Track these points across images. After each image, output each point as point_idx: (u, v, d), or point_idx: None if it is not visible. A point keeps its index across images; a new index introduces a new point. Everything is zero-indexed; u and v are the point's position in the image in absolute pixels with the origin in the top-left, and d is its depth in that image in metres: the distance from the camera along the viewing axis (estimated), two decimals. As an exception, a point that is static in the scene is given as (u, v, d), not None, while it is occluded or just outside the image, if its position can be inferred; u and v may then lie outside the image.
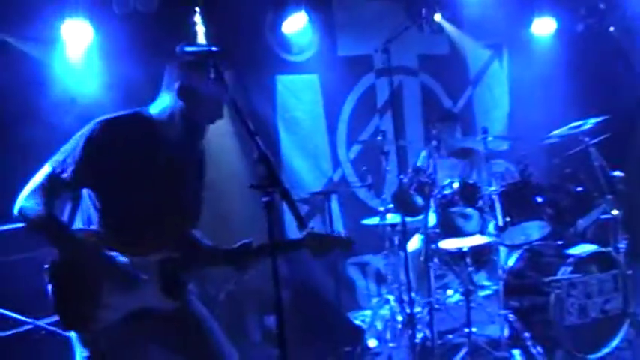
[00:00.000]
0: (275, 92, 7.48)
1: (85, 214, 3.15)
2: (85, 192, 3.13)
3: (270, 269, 2.73)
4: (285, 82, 7.54)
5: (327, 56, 7.67)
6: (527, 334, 5.48)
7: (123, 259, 3.04)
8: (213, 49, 2.93)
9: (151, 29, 6.24)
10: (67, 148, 3.05)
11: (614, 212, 5.74)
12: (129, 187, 3.08)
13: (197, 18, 6.54)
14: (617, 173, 5.82)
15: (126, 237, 3.09)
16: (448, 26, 7.99)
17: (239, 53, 6.49)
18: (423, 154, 6.77)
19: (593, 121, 5.92)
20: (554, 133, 6.27)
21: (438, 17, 7.70)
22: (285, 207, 2.75)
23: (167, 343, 3.37)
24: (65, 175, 2.99)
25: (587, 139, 5.90)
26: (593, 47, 7.84)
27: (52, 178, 3.00)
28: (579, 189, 6.06)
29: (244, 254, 3.28)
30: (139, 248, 3.11)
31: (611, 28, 5.97)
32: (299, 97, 7.63)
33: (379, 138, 6.36)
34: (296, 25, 7.11)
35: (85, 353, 3.10)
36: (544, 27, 8.19)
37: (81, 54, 6.10)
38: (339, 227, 7.52)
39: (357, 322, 6.60)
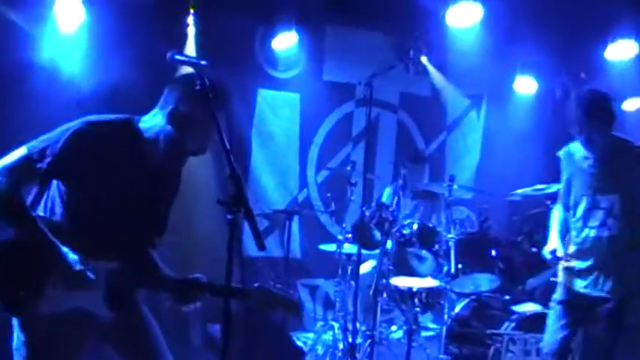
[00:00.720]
0: (255, 105, 7.55)
1: (49, 203, 3.12)
2: (54, 182, 3.10)
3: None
4: (265, 97, 7.62)
5: (311, 78, 7.75)
6: (462, 382, 5.58)
7: (76, 256, 3.01)
8: (203, 62, 2.95)
9: (143, 21, 6.28)
10: (48, 137, 3.01)
11: (564, 276, 5.88)
12: (100, 192, 3.06)
13: (190, 20, 6.60)
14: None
15: (85, 238, 3.05)
16: (432, 70, 8.13)
17: (226, 60, 6.53)
18: (388, 190, 6.86)
19: (557, 186, 6.05)
20: (519, 191, 6.40)
21: (424, 60, 7.83)
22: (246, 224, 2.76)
23: (111, 341, 3.34)
24: (40, 165, 2.95)
25: (548, 202, 6.02)
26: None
27: (27, 163, 2.96)
28: (534, 249, 6.20)
29: (192, 288, 3.27)
30: (95, 252, 3.07)
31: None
32: (277, 113, 7.70)
33: (348, 168, 6.44)
34: (286, 43, 7.18)
35: (22, 338, 3.06)
36: (526, 85, 8.35)
37: (70, 33, 6.11)
38: (296, 247, 7.60)
39: (299, 343, 6.64)
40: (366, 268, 6.48)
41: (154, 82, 3.21)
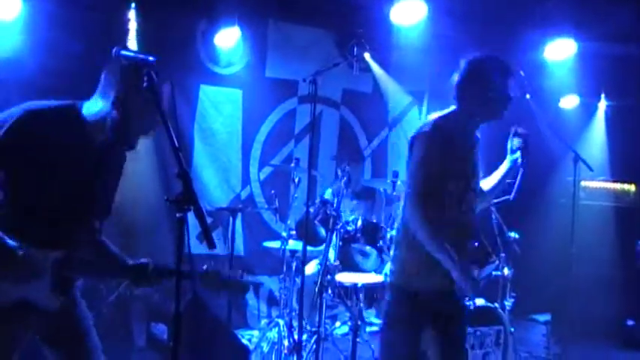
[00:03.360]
0: (197, 101, 7.49)
1: None
2: None
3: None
4: (207, 93, 7.56)
5: (253, 74, 7.73)
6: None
7: (22, 248, 2.92)
8: (150, 58, 2.91)
9: (82, 15, 6.19)
10: None
11: (506, 271, 5.97)
12: (42, 178, 3.00)
13: (132, 14, 6.50)
14: (512, 234, 6.06)
15: (28, 226, 2.99)
16: (375, 67, 8.18)
17: (168, 56, 6.45)
18: (329, 190, 6.89)
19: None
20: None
21: (367, 56, 7.86)
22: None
23: (44, 337, 3.27)
24: None
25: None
26: (510, 110, 8.18)
27: None
28: (476, 243, 6.27)
29: (142, 273, 3.22)
30: (39, 241, 3.00)
31: (528, 96, 6.22)
32: (220, 109, 7.65)
33: (292, 165, 6.43)
34: (228, 38, 7.14)
35: None
36: (466, 82, 8.44)
37: (7, 25, 6.00)
38: (240, 244, 7.57)
39: (244, 341, 6.61)
40: (311, 269, 6.49)
41: (92, 75, 3.15)
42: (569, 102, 8.80)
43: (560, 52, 7.53)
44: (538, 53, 7.60)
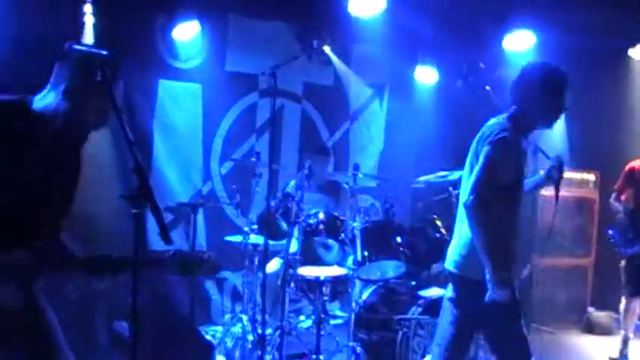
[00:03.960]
0: (156, 96, 7.39)
1: None
2: None
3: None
4: (167, 87, 7.47)
5: (213, 68, 7.67)
6: (371, 368, 5.64)
7: None
8: (104, 52, 2.88)
9: (37, 9, 6.08)
10: None
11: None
12: None
13: (87, 8, 6.40)
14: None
15: None
16: (336, 59, 8.18)
17: (125, 51, 6.36)
18: (292, 183, 6.87)
19: (459, 173, 6.17)
20: (422, 178, 6.50)
21: (327, 49, 7.85)
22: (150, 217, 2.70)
23: (7, 342, 3.23)
24: None
25: (451, 188, 6.15)
26: (470, 102, 8.21)
27: None
28: (437, 235, 6.32)
29: (104, 265, 3.17)
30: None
31: (488, 87, 6.26)
32: (179, 104, 7.57)
33: (253, 159, 6.40)
34: (187, 32, 7.08)
35: None
36: (426, 75, 8.49)
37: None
38: (202, 240, 7.53)
39: (208, 337, 6.57)
40: (273, 266, 6.47)
41: (48, 70, 3.11)
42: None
43: (520, 43, 7.58)
44: (498, 45, 7.64)
